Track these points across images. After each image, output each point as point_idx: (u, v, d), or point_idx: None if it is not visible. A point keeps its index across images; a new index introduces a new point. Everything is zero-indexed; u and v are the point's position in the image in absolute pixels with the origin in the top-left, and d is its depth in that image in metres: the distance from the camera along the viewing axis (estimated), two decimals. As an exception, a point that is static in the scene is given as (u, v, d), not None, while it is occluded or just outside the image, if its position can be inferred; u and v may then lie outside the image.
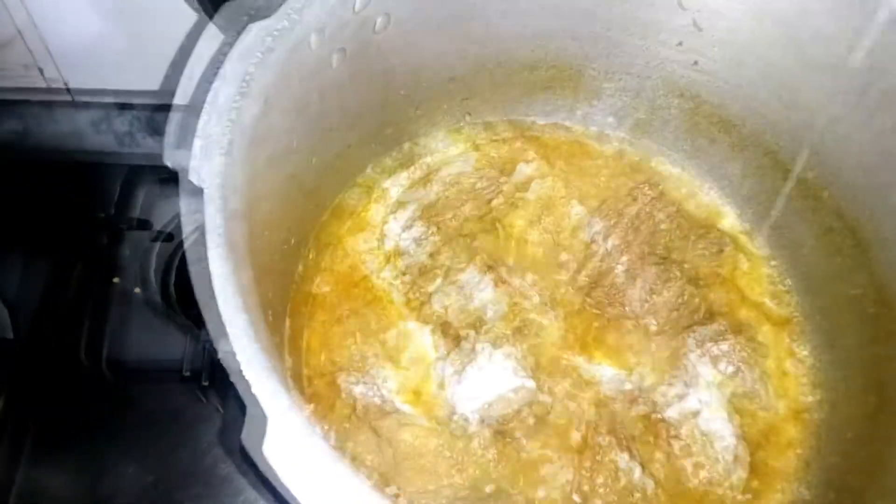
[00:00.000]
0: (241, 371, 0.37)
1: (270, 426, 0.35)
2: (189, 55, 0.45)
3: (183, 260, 0.40)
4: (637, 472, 0.59)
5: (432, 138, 0.74)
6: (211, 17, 0.47)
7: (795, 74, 0.59)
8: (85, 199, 0.83)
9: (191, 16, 0.77)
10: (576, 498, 0.58)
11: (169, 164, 0.42)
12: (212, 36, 0.46)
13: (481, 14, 0.62)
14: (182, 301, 0.75)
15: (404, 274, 0.67)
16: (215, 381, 0.70)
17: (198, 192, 0.42)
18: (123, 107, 0.92)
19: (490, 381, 0.61)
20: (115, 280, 0.79)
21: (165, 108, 0.44)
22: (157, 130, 0.89)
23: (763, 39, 0.59)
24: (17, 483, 0.68)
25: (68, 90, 0.91)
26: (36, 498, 0.68)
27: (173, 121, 0.43)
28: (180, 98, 0.44)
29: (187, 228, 0.42)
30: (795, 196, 0.65)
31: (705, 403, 0.62)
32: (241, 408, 0.36)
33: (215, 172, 0.42)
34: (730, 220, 0.72)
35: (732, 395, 0.63)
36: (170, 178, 0.42)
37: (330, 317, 0.66)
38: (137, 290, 0.78)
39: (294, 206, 0.60)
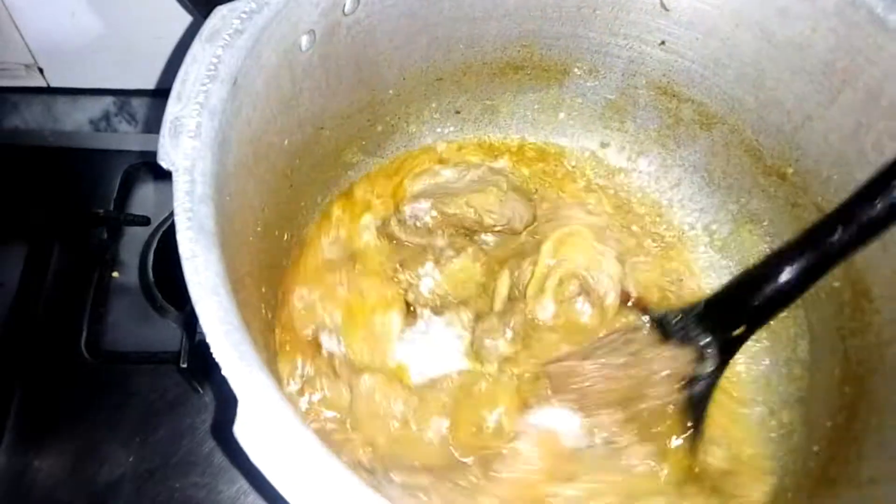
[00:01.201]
0: (213, 355, 0.37)
1: (242, 408, 0.36)
2: (184, 56, 0.46)
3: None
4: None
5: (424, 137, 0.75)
6: (204, 17, 0.47)
7: (771, 75, 0.60)
8: (85, 195, 0.84)
9: (186, 17, 0.78)
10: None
11: (163, 163, 0.43)
12: (205, 37, 0.46)
13: (467, 15, 0.63)
14: (179, 295, 0.77)
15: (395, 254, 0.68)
16: (211, 373, 0.72)
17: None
18: (122, 106, 0.94)
19: (441, 357, 0.63)
20: (115, 274, 0.80)
21: (161, 107, 0.44)
22: (154, 129, 0.90)
23: (740, 40, 0.60)
24: (17, 471, 0.70)
25: (69, 89, 0.92)
26: (36, 486, 0.70)
27: (166, 121, 0.44)
28: (174, 99, 0.44)
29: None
30: (778, 193, 0.67)
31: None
32: (234, 399, 0.37)
33: (183, 155, 0.42)
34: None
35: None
36: (167, 175, 0.43)
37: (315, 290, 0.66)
38: (136, 283, 0.79)
39: (282, 200, 0.60)
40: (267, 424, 0.36)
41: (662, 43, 0.65)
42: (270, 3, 0.48)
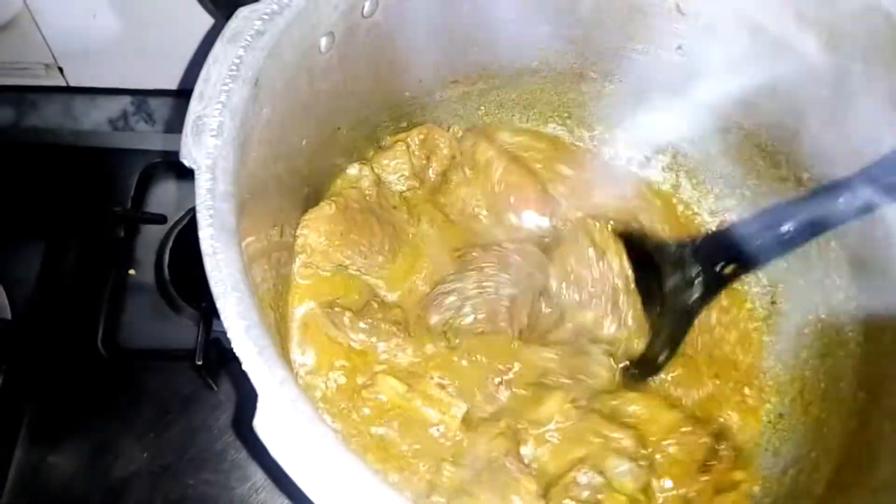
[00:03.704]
0: (234, 350, 0.38)
1: (262, 402, 0.36)
2: (205, 56, 0.46)
3: (197, 252, 0.41)
4: None
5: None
6: (226, 19, 0.48)
7: (786, 80, 0.60)
8: (102, 193, 0.85)
9: (204, 19, 0.79)
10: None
11: (186, 161, 0.43)
12: (227, 38, 0.47)
13: (484, 19, 0.63)
14: (194, 293, 0.78)
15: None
16: (229, 370, 0.73)
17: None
18: (140, 105, 0.95)
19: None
20: (131, 272, 0.81)
21: (182, 107, 0.45)
22: (174, 129, 0.91)
23: (754, 46, 0.60)
24: (33, 466, 0.71)
25: (88, 89, 0.93)
26: (52, 480, 0.71)
27: (189, 120, 0.44)
28: (196, 98, 0.45)
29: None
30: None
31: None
32: (254, 394, 0.37)
33: (206, 154, 0.43)
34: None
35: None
36: (184, 174, 0.43)
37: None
38: (151, 281, 0.80)
39: (299, 200, 0.61)
40: (286, 419, 0.36)
41: (679, 47, 0.65)
42: (291, 6, 0.49)
